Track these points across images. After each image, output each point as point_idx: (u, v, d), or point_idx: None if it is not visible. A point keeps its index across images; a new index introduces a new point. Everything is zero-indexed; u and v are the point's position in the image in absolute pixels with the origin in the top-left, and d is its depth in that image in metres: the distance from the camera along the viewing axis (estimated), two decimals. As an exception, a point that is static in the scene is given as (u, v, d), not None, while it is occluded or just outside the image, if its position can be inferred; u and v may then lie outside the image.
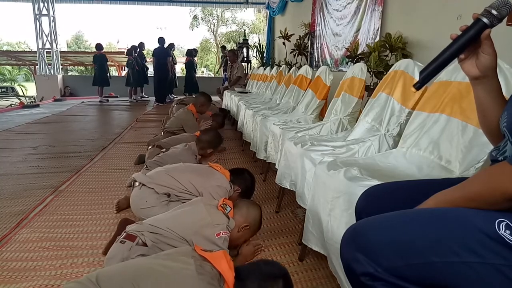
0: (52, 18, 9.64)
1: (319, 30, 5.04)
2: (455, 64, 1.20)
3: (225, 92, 5.81)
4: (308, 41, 5.40)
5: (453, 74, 1.32)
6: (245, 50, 8.46)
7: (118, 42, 35.31)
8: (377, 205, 0.85)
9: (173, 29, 65.44)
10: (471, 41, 0.70)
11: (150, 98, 9.31)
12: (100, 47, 8.58)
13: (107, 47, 29.02)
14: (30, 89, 16.73)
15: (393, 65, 1.79)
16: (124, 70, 14.20)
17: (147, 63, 9.74)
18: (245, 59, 8.38)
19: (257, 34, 22.74)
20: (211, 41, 26.23)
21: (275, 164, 2.14)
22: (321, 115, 2.63)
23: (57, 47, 10.05)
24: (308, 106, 2.72)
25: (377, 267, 0.62)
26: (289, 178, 1.79)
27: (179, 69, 13.96)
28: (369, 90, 2.32)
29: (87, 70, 20.38)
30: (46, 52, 9.80)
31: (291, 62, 5.71)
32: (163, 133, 3.30)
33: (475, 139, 1.13)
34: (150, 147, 2.76)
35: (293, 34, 5.84)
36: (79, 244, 1.62)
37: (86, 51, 25.37)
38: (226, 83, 7.11)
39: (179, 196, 1.74)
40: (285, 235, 1.76)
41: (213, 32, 24.99)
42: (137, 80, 8.76)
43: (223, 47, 10.24)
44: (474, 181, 0.66)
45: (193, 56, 9.29)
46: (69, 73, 18.97)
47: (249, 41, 9.48)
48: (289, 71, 3.86)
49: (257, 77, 5.73)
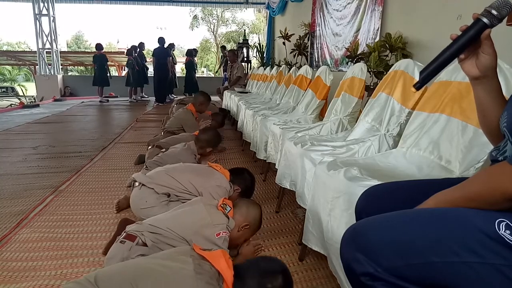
0: (52, 18, 9.64)
1: (319, 30, 5.03)
2: (455, 64, 1.19)
3: (225, 92, 5.81)
4: (308, 41, 5.40)
5: (453, 74, 1.32)
6: (245, 50, 8.46)
7: (118, 42, 35.39)
8: (377, 205, 0.85)
9: (173, 29, 65.51)
10: (471, 41, 0.70)
11: (150, 98, 9.31)
12: (100, 47, 8.57)
13: (107, 47, 29.02)
14: (30, 89, 16.73)
15: (393, 65, 1.79)
16: (124, 70, 14.19)
17: (147, 63, 9.74)
18: (245, 59, 8.37)
19: (257, 34, 22.74)
20: (211, 41, 26.24)
21: (275, 164, 2.14)
22: (321, 115, 2.63)
23: (57, 47, 10.05)
24: (308, 106, 2.72)
25: (377, 267, 0.62)
26: (289, 178, 1.79)
27: (179, 69, 13.96)
28: (369, 90, 2.32)
29: (87, 70, 20.37)
30: (46, 52, 9.80)
31: (291, 62, 5.71)
32: (163, 133, 3.31)
33: (475, 139, 1.13)
34: (150, 147, 2.77)
35: (293, 34, 5.84)
36: (79, 244, 1.62)
37: (86, 51, 25.36)
38: (226, 83, 7.10)
39: (179, 196, 1.74)
40: (285, 235, 1.76)
41: (213, 32, 24.99)
42: (137, 80, 8.76)
43: (223, 47, 10.22)
44: (474, 181, 0.66)
45: (193, 56, 9.29)
46: (69, 73, 18.96)
47: (249, 41, 9.48)
48: (289, 71, 3.86)
49: (257, 77, 5.73)
